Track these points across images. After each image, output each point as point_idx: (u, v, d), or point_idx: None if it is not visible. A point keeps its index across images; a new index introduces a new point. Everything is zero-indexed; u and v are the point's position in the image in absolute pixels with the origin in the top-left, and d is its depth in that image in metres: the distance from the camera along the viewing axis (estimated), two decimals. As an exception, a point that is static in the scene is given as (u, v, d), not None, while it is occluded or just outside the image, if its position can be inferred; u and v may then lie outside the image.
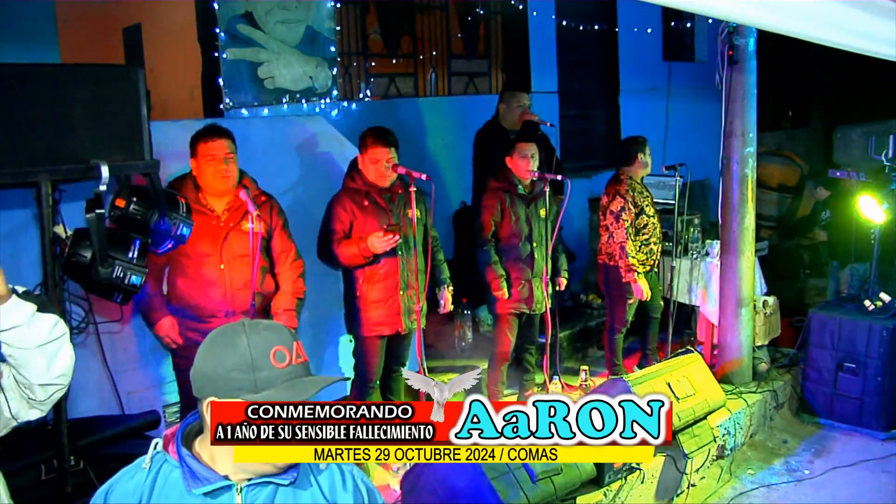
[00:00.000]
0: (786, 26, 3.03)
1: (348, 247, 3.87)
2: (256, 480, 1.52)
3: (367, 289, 3.97)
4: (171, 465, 1.53)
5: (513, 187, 4.60)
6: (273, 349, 1.48)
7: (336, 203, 3.95)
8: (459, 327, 5.68)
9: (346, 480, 1.63)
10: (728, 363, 5.25)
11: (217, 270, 3.51)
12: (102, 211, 2.76)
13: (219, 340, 1.52)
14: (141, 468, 1.54)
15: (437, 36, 6.76)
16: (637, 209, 5.06)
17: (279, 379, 1.48)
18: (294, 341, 1.53)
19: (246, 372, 1.46)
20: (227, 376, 1.47)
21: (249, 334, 1.50)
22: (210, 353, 1.51)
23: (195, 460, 1.51)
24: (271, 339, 1.50)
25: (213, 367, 1.49)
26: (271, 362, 1.48)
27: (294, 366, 1.50)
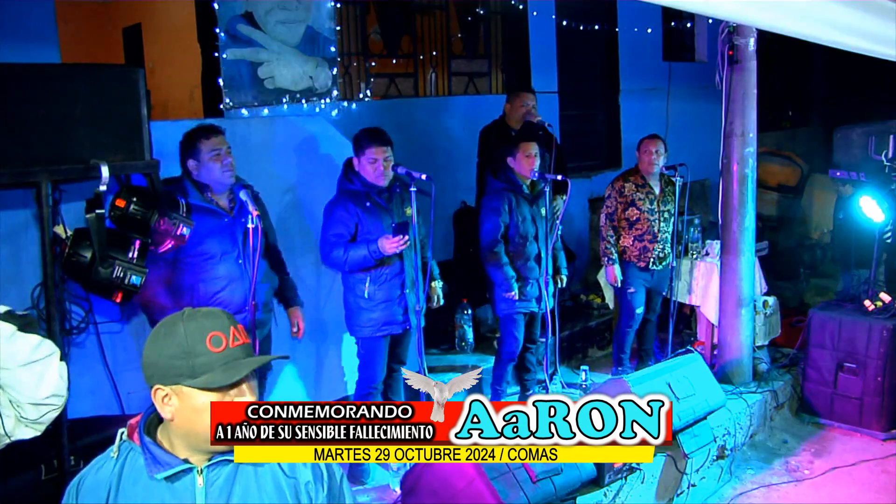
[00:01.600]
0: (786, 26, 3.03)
1: (357, 250, 3.86)
2: (216, 460, 1.57)
3: (375, 289, 3.96)
4: (136, 452, 1.60)
5: (518, 188, 4.59)
6: (209, 335, 1.54)
7: (337, 207, 3.93)
8: (459, 327, 5.68)
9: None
10: (728, 363, 5.25)
11: (238, 266, 3.53)
12: (102, 211, 2.76)
13: (160, 331, 1.58)
14: (110, 457, 1.62)
15: (437, 36, 6.75)
16: (625, 199, 5.12)
17: (216, 363, 1.53)
18: (231, 325, 1.58)
19: (184, 358, 1.53)
20: (167, 364, 1.54)
21: (186, 322, 1.56)
22: (152, 344, 1.58)
23: (157, 446, 1.58)
24: (207, 326, 1.56)
25: (156, 357, 1.56)
26: (207, 347, 1.53)
27: (231, 349, 1.55)
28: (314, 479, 1.62)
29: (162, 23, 6.60)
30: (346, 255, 3.86)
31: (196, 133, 3.49)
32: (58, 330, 2.81)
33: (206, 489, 1.57)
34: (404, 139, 5.78)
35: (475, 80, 7.05)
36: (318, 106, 5.36)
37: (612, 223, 5.17)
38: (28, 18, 3.85)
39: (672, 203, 5.22)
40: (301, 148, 4.56)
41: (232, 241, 3.53)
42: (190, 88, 5.64)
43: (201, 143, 3.46)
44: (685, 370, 4.33)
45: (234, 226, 3.52)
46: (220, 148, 3.48)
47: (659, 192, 5.17)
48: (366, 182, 3.93)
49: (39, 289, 2.86)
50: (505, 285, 4.55)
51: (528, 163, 4.55)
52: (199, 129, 3.51)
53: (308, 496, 1.61)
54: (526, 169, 4.56)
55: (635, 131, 5.52)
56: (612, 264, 5.15)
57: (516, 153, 4.58)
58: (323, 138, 4.67)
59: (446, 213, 5.93)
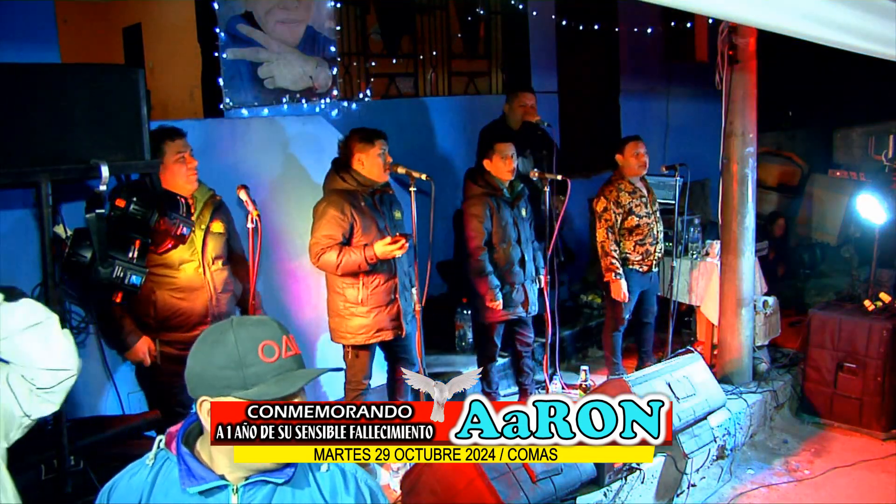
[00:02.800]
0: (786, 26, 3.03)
1: (351, 255, 3.76)
2: (253, 479, 1.51)
3: (367, 294, 3.89)
4: (172, 462, 1.53)
5: (497, 191, 4.52)
6: (261, 344, 1.48)
7: (332, 207, 3.81)
8: (459, 327, 5.68)
9: (348, 482, 1.61)
10: (728, 363, 5.25)
11: (199, 276, 3.46)
12: (102, 211, 2.76)
13: (208, 339, 1.52)
14: (145, 464, 1.55)
15: (437, 36, 6.75)
16: (623, 209, 5.04)
17: (269, 374, 1.47)
18: (284, 335, 1.52)
19: (235, 369, 1.46)
20: (216, 374, 1.47)
21: (237, 331, 1.49)
22: (200, 353, 1.51)
23: (193, 459, 1.52)
24: (259, 335, 1.49)
25: (203, 367, 1.49)
26: (260, 357, 1.47)
27: (283, 359, 1.49)
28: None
29: (162, 23, 6.59)
30: (340, 258, 3.76)
31: (159, 134, 3.34)
32: (58, 330, 2.81)
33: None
34: (404, 139, 5.78)
35: (475, 80, 7.04)
36: (318, 106, 5.36)
37: (614, 236, 5.04)
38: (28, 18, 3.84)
39: (657, 201, 5.22)
40: (301, 148, 4.56)
41: (192, 251, 3.45)
42: (190, 88, 5.64)
43: (165, 146, 3.35)
44: (685, 370, 4.33)
45: (194, 234, 3.42)
46: (185, 150, 3.40)
47: (648, 194, 5.17)
48: (363, 181, 3.87)
49: (39, 289, 2.86)
50: (489, 294, 4.49)
51: (506, 164, 4.48)
52: (161, 130, 3.38)
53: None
54: (504, 171, 4.49)
55: (635, 131, 5.50)
56: (618, 279, 5.00)
57: (492, 155, 4.50)
58: (323, 138, 4.67)
59: (446, 213, 5.92)
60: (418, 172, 3.89)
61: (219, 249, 3.53)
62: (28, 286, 3.04)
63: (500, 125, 5.48)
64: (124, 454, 3.07)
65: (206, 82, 5.09)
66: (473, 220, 4.49)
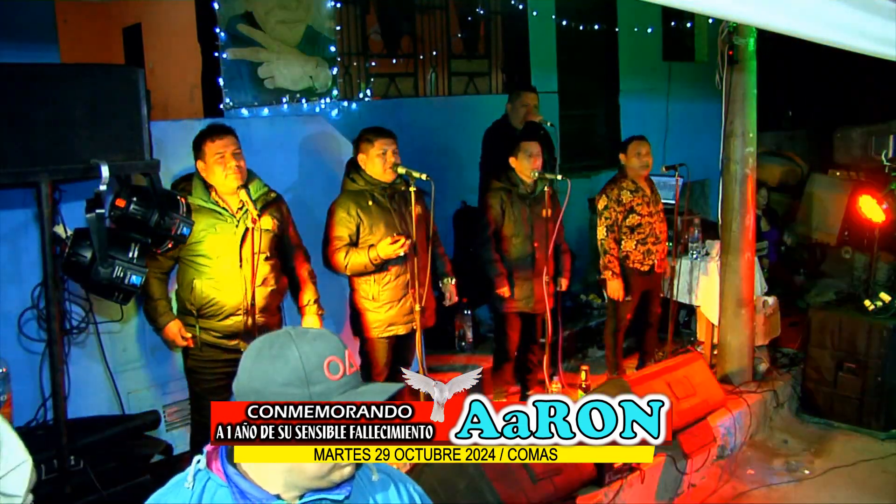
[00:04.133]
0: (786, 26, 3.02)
1: (357, 256, 3.86)
2: (309, 498, 1.45)
3: (380, 290, 3.96)
4: (215, 483, 1.43)
5: (514, 187, 4.60)
6: (327, 360, 1.40)
7: (339, 208, 3.92)
8: (459, 327, 5.68)
9: (400, 493, 1.59)
10: (728, 363, 5.25)
11: (236, 269, 3.51)
12: (102, 211, 2.77)
13: (266, 353, 1.41)
14: (183, 487, 1.43)
15: (437, 36, 6.75)
16: (624, 207, 5.05)
17: (334, 392, 1.39)
18: (345, 349, 1.44)
19: (300, 387, 1.38)
20: (279, 392, 1.37)
21: (300, 345, 1.40)
22: (258, 368, 1.41)
23: (244, 479, 1.43)
24: (323, 350, 1.41)
25: (264, 383, 1.39)
26: (326, 374, 1.39)
27: (348, 376, 1.42)
28: None
29: (162, 23, 6.59)
30: (346, 259, 3.87)
31: (202, 134, 3.52)
32: (58, 330, 2.81)
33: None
34: (404, 139, 5.73)
35: (475, 80, 7.05)
36: (318, 106, 5.36)
37: (614, 234, 5.07)
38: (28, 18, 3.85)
39: (660, 201, 5.22)
40: (301, 148, 4.56)
41: (230, 243, 3.51)
42: (190, 88, 5.64)
43: (206, 145, 3.48)
44: (685, 370, 4.33)
45: (235, 227, 3.51)
46: (225, 150, 3.47)
47: (650, 193, 5.17)
48: (370, 180, 3.93)
49: (39, 289, 2.86)
50: (496, 282, 4.56)
51: (530, 162, 4.56)
52: (205, 130, 3.53)
53: None
54: (527, 168, 4.57)
55: (635, 131, 5.50)
56: (616, 278, 5.05)
57: (517, 153, 4.60)
58: (323, 138, 4.67)
59: (446, 213, 5.93)
60: (418, 172, 3.90)
61: (263, 245, 3.56)
62: (28, 286, 3.04)
63: (504, 126, 5.48)
64: (124, 454, 3.09)
65: (206, 82, 5.09)
66: (487, 211, 4.62)
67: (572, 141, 7.48)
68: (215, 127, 3.55)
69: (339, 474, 1.45)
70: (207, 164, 3.48)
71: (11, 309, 3.21)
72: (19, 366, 3.17)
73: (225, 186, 3.49)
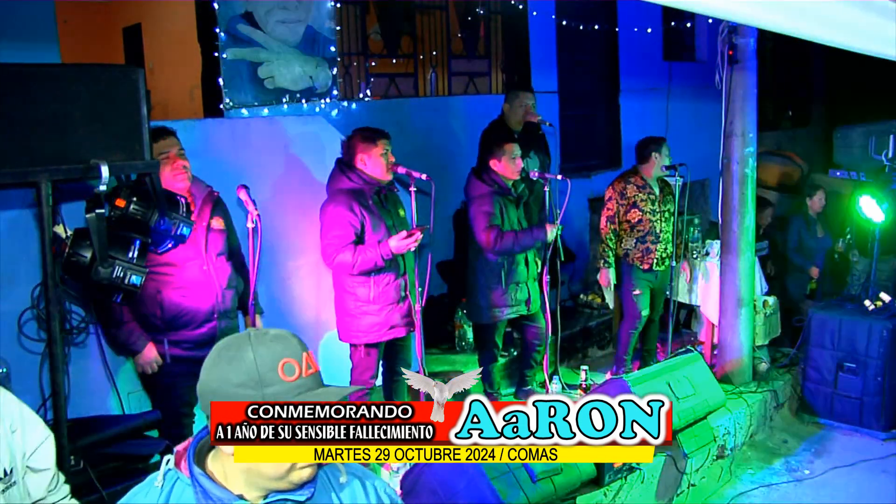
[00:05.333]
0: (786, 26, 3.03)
1: (367, 252, 3.79)
2: (273, 498, 1.47)
3: (378, 292, 3.91)
4: (183, 482, 1.46)
5: (505, 190, 4.55)
6: (281, 362, 1.42)
7: (340, 207, 3.83)
8: (459, 327, 5.68)
9: (368, 493, 1.59)
10: (728, 363, 5.25)
11: (203, 273, 3.46)
12: (102, 211, 2.76)
13: (224, 355, 1.44)
14: (153, 486, 1.47)
15: (437, 36, 6.75)
16: (627, 201, 5.08)
17: (289, 393, 1.41)
18: (304, 351, 1.46)
19: (254, 388, 1.40)
20: (233, 392, 1.40)
21: (256, 347, 1.42)
22: (216, 369, 1.44)
23: (208, 479, 1.45)
24: (279, 351, 1.43)
25: (220, 384, 1.42)
26: (280, 376, 1.41)
27: (304, 378, 1.43)
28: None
29: (162, 23, 6.60)
30: (355, 257, 3.78)
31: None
32: (58, 330, 2.81)
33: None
34: (404, 139, 5.77)
35: (475, 80, 7.05)
36: (318, 106, 5.36)
37: (613, 226, 5.13)
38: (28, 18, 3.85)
39: (671, 203, 5.22)
40: (301, 148, 4.56)
41: (194, 247, 3.42)
42: (190, 88, 5.64)
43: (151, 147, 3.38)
44: (685, 370, 4.33)
45: (196, 231, 3.38)
46: (170, 150, 3.38)
47: (659, 193, 5.17)
48: (368, 179, 3.88)
49: (39, 289, 2.86)
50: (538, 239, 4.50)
51: (514, 164, 4.52)
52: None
53: None
54: (511, 171, 4.52)
55: (635, 131, 5.52)
56: (606, 268, 5.11)
57: (501, 156, 4.52)
58: (323, 138, 4.67)
59: (446, 213, 5.93)
60: (418, 172, 3.89)
61: (220, 245, 3.53)
62: (28, 286, 3.04)
63: (500, 126, 5.48)
64: (124, 454, 3.09)
65: (206, 82, 5.09)
66: (487, 218, 4.51)
67: (572, 141, 7.48)
68: (158, 129, 3.41)
69: (298, 475, 1.46)
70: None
71: (11, 309, 3.20)
72: (19, 366, 3.17)
73: (174, 188, 3.37)
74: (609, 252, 5.12)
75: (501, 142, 4.62)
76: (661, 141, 5.17)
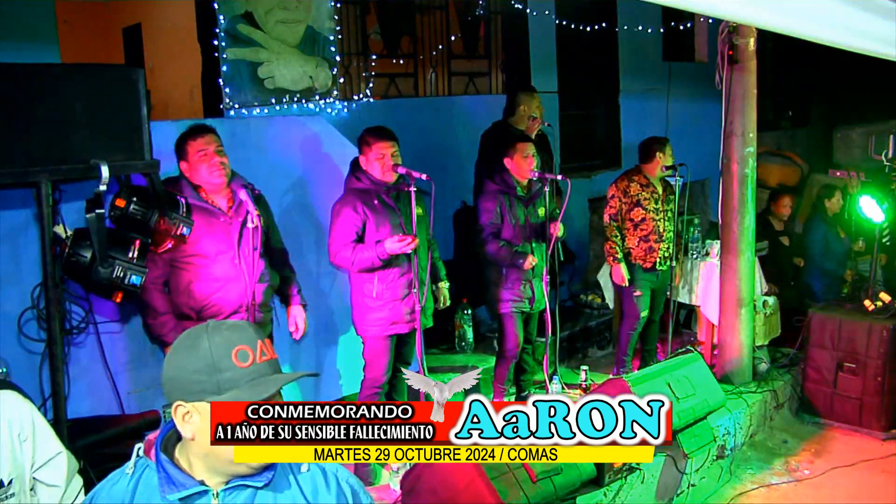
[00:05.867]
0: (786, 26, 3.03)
1: (364, 252, 3.85)
2: (233, 484, 1.51)
3: (383, 288, 3.95)
4: (151, 470, 1.52)
5: (511, 189, 4.57)
6: (235, 349, 1.47)
7: (346, 206, 3.91)
8: (459, 327, 5.68)
9: (328, 481, 1.61)
10: (728, 363, 5.25)
11: (234, 266, 3.50)
12: (102, 211, 2.77)
13: (182, 344, 1.51)
14: (125, 473, 1.54)
15: (437, 36, 6.75)
16: (629, 199, 5.08)
17: (242, 379, 1.46)
18: (259, 339, 1.51)
19: (208, 374, 1.46)
20: (190, 379, 1.46)
21: (211, 335, 1.49)
22: (174, 358, 1.50)
23: (173, 466, 1.51)
24: (233, 339, 1.49)
25: (177, 371, 1.48)
26: (234, 362, 1.47)
27: (258, 364, 1.49)
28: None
29: (162, 23, 6.59)
30: (353, 255, 3.86)
31: (184, 135, 3.47)
32: (58, 330, 2.81)
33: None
34: (404, 139, 5.72)
35: (475, 80, 7.05)
36: (318, 106, 5.36)
37: (616, 223, 5.12)
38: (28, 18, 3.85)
39: (673, 202, 5.22)
40: (301, 148, 4.56)
41: (227, 241, 3.48)
42: (190, 88, 5.64)
43: (188, 145, 3.43)
44: (685, 370, 4.33)
45: (230, 225, 3.48)
46: (207, 147, 3.43)
47: (662, 192, 5.17)
48: (374, 180, 3.93)
49: (39, 289, 2.86)
50: (519, 259, 4.50)
51: (527, 163, 4.54)
52: (186, 131, 3.48)
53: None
54: (524, 170, 4.54)
55: (635, 131, 5.53)
56: (618, 263, 5.09)
57: (514, 154, 4.55)
58: (323, 138, 4.67)
59: (446, 213, 5.93)
60: (418, 172, 3.90)
61: (256, 241, 3.56)
62: (28, 286, 3.05)
63: (503, 128, 5.44)
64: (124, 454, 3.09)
65: (206, 82, 5.09)
66: (485, 215, 4.55)
67: (572, 141, 7.48)
68: (197, 127, 3.51)
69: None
70: (191, 164, 3.43)
71: (11, 309, 3.21)
72: (19, 366, 3.17)
73: (210, 185, 3.45)
74: (617, 248, 5.10)
75: (515, 140, 4.66)
76: (665, 141, 5.19)
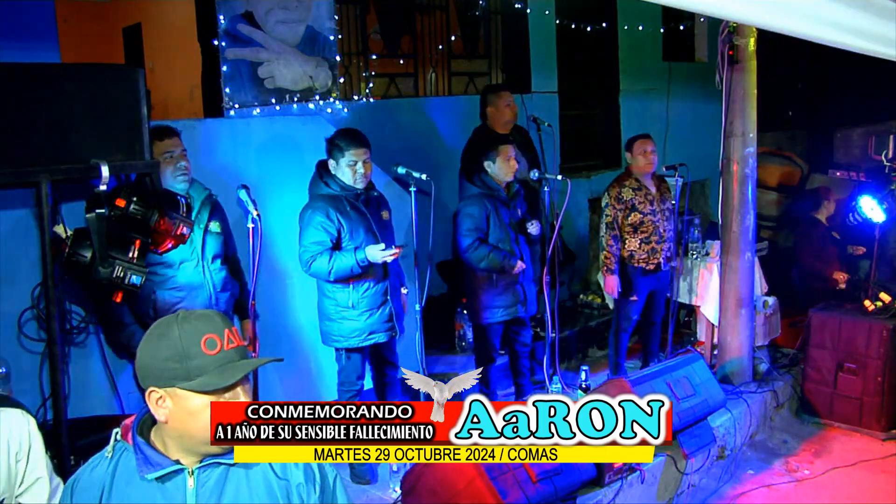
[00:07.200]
0: (786, 26, 3.03)
1: (343, 259, 3.72)
2: (207, 462, 1.59)
3: (360, 298, 3.84)
4: (129, 452, 1.62)
5: (494, 192, 4.49)
6: (203, 337, 1.55)
7: (317, 213, 3.76)
8: (459, 327, 5.68)
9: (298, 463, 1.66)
10: (728, 363, 5.25)
11: (199, 274, 3.46)
12: (102, 211, 2.77)
13: (154, 333, 1.60)
14: (104, 457, 1.64)
15: (437, 36, 6.75)
16: (625, 205, 5.05)
17: (211, 365, 1.54)
18: (226, 328, 1.59)
19: (179, 361, 1.54)
20: (161, 366, 1.55)
21: (181, 325, 1.57)
22: (146, 346, 1.59)
23: (149, 447, 1.60)
24: (202, 328, 1.57)
25: (150, 359, 1.57)
26: (202, 350, 1.55)
27: (226, 352, 1.57)
28: (306, 481, 1.64)
29: (162, 23, 6.59)
30: (331, 263, 3.72)
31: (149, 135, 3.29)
32: (58, 330, 2.81)
33: (196, 490, 1.59)
34: (404, 139, 5.77)
35: (475, 80, 7.04)
36: (318, 106, 5.35)
37: (614, 232, 5.05)
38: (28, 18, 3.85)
39: (669, 199, 5.21)
40: (301, 148, 4.56)
41: (190, 248, 3.43)
42: (190, 88, 5.64)
43: (153, 146, 3.29)
44: (685, 370, 4.33)
45: (193, 234, 3.38)
46: (173, 150, 3.39)
47: (655, 192, 5.15)
48: (344, 185, 3.81)
49: (39, 289, 2.86)
50: (506, 265, 4.41)
51: (509, 165, 4.47)
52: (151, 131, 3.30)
53: (300, 497, 1.63)
54: (507, 172, 4.47)
55: (635, 131, 5.50)
56: (611, 275, 5.05)
57: (495, 157, 4.47)
58: (323, 138, 4.66)
59: (446, 214, 5.92)
60: (418, 172, 3.88)
61: (217, 248, 3.53)
62: (28, 286, 3.05)
63: (485, 131, 5.34)
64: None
65: (206, 82, 5.08)
66: (467, 220, 4.46)
67: (572, 141, 7.47)
68: (163, 128, 3.42)
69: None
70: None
71: (11, 309, 3.21)
72: (19, 366, 3.17)
73: (174, 189, 3.38)
74: (612, 259, 5.04)
75: (496, 143, 4.57)
76: (643, 135, 5.15)
